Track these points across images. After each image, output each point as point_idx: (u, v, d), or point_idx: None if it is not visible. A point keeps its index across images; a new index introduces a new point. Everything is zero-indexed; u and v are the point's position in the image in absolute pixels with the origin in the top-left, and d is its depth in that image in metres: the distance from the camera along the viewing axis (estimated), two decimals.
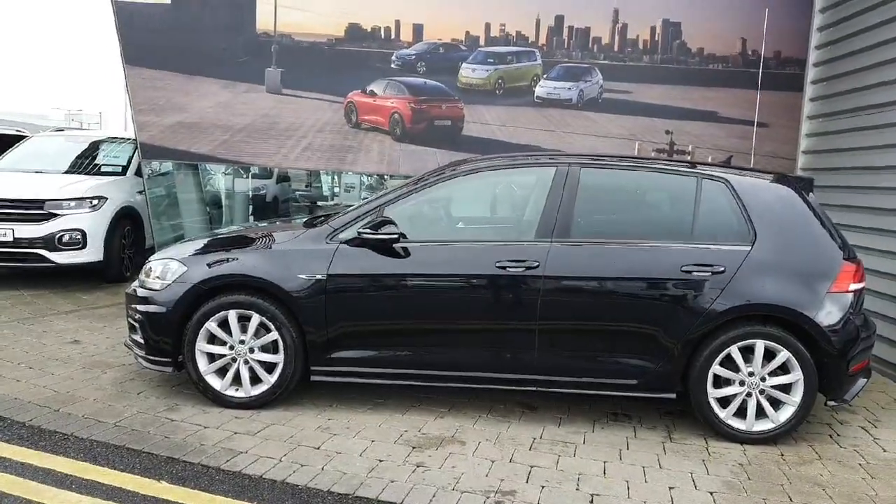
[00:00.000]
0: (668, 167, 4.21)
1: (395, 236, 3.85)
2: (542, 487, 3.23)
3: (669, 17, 6.72)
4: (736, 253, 3.84)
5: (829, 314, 3.79)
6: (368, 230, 3.88)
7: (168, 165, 7.61)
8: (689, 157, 6.94)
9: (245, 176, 7.92)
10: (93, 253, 6.98)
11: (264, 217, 8.18)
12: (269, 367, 3.99)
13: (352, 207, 4.22)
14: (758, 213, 3.92)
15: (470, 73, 6.92)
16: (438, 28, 6.89)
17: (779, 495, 3.27)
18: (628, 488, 3.26)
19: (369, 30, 6.90)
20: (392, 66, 6.92)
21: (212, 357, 4.01)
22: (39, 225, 6.75)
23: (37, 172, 7.63)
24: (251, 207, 8.08)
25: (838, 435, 4.07)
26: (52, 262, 6.77)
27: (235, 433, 3.68)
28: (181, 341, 3.98)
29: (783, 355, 3.78)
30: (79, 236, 6.86)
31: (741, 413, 3.86)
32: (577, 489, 3.23)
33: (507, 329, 3.90)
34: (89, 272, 7.22)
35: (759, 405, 3.84)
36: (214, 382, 4.00)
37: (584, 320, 3.87)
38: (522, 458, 3.54)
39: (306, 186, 9.41)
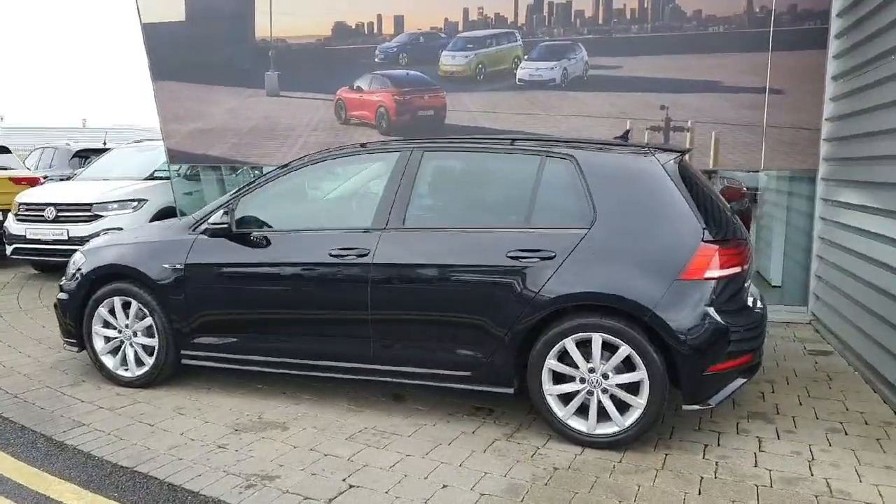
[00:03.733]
0: (514, 147, 3.90)
1: (225, 225, 3.99)
2: (312, 475, 3.20)
3: None
4: (570, 237, 3.50)
5: (675, 305, 3.32)
6: (212, 220, 4.06)
7: (187, 168, 8.32)
8: (687, 133, 6.28)
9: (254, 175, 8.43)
10: None
11: None
12: (151, 350, 4.32)
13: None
14: (601, 192, 3.54)
15: (450, 60, 6.80)
16: (418, 18, 6.84)
17: None
18: (397, 483, 3.13)
19: (354, 26, 7.03)
20: (376, 59, 6.99)
21: (107, 339, 4.42)
22: (88, 225, 7.73)
23: (104, 180, 8.73)
24: None
25: (719, 445, 3.54)
26: None
27: (100, 408, 4.04)
28: (82, 324, 4.44)
29: (623, 351, 3.38)
30: None
31: (586, 413, 3.52)
32: (343, 479, 3.16)
33: (344, 318, 3.87)
34: None
35: (603, 406, 3.47)
36: (108, 362, 4.41)
37: (412, 309, 3.74)
38: (327, 447, 3.51)
39: None
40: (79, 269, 4.45)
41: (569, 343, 3.47)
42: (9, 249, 8.07)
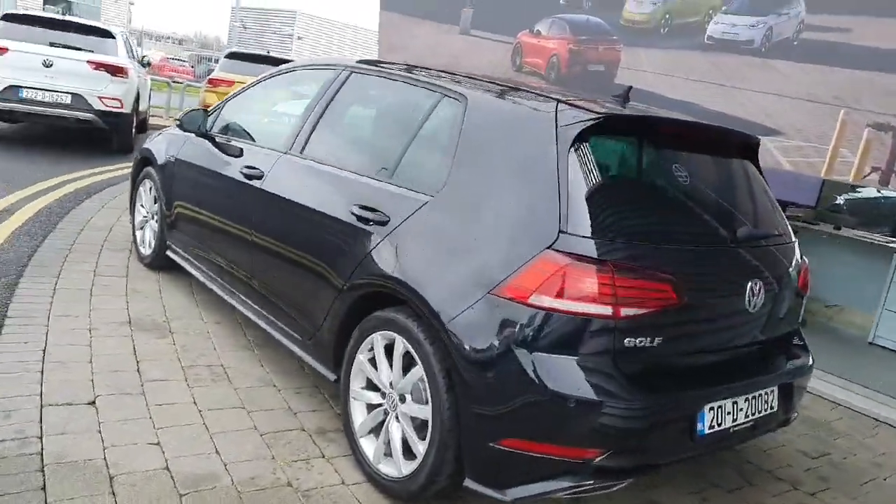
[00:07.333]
0: (425, 82, 2.88)
1: (178, 122, 3.91)
2: (89, 381, 3.02)
3: None
4: (413, 202, 2.55)
5: (475, 328, 2.20)
6: (184, 118, 4.04)
7: None
8: None
9: None
10: None
11: None
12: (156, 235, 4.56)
13: None
14: (467, 150, 2.48)
15: (635, 7, 5.48)
16: None
17: None
18: (123, 421, 2.76)
19: None
20: (560, 1, 6.03)
21: (143, 217, 4.80)
22: None
23: None
24: None
25: None
26: None
27: (98, 274, 4.39)
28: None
29: (418, 371, 2.39)
30: None
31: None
32: (96, 395, 2.90)
33: (239, 238, 3.49)
34: None
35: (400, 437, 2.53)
36: (138, 236, 4.80)
37: (281, 245, 3.17)
38: (154, 365, 3.25)
39: None
40: (140, 151, 4.89)
41: (377, 340, 2.59)
42: None
